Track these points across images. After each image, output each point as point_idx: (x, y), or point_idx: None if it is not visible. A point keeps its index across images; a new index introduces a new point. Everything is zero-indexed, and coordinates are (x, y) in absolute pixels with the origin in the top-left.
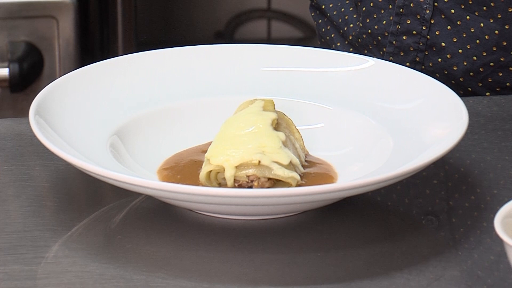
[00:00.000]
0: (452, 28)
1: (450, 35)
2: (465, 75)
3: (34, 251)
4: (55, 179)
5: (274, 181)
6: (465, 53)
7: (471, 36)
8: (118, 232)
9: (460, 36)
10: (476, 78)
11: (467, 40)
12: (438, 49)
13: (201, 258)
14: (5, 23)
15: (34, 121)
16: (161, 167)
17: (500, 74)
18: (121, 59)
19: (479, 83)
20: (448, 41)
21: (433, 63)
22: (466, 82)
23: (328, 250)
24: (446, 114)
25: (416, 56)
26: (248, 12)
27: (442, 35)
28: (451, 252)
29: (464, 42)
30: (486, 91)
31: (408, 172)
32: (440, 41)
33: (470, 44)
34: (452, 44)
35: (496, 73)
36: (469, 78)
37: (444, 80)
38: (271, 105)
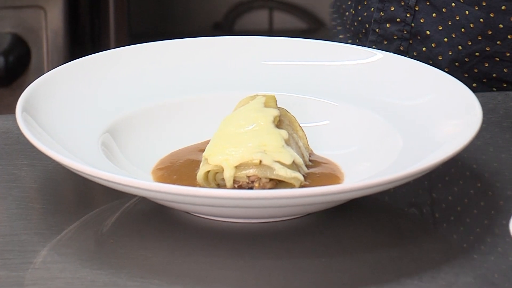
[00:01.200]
0: (437, 15)
1: (435, 22)
2: (451, 65)
3: (21, 256)
4: (43, 180)
5: (276, 182)
6: (450, 42)
7: (456, 24)
8: (110, 236)
9: (445, 24)
10: (462, 68)
11: (452, 28)
12: (423, 38)
13: (198, 263)
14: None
15: (21, 118)
16: (156, 167)
17: (486, 64)
18: (113, 52)
19: (465, 73)
20: (433, 29)
21: (417, 53)
22: (452, 73)
23: (333, 255)
24: (458, 111)
25: (400, 45)
26: (248, 1)
27: (427, 23)
28: (464, 257)
29: (449, 31)
30: (472, 82)
31: (418, 172)
32: (425, 29)
33: (455, 33)
34: (437, 33)
35: (482, 64)
36: (455, 68)
37: None
38: (273, 101)
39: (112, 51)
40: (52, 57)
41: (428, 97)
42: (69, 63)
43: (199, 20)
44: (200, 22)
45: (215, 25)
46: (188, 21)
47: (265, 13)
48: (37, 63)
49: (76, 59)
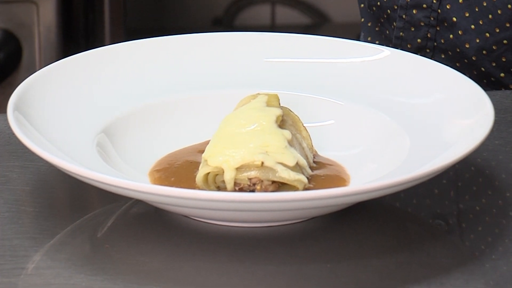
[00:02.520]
0: (464, 1)
1: (462, 9)
2: (478, 53)
3: (13, 261)
4: (35, 182)
5: (279, 185)
6: (478, 29)
7: (483, 10)
8: (106, 240)
9: (472, 10)
10: (489, 57)
11: (479, 14)
12: (450, 25)
13: (197, 269)
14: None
15: (12, 118)
16: (153, 169)
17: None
18: (109, 49)
19: (492, 62)
20: (460, 16)
21: (445, 40)
22: (479, 62)
23: (338, 260)
24: (469, 110)
25: (428, 32)
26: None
27: (454, 9)
28: (475, 264)
29: (476, 17)
30: (500, 71)
31: (427, 175)
32: (452, 15)
33: (483, 19)
34: (464, 19)
35: (510, 52)
36: (482, 57)
37: (457, 59)
38: (275, 100)
39: (107, 47)
40: (45, 54)
41: (437, 95)
42: (62, 60)
43: (198, 15)
44: (199, 17)
45: (215, 20)
46: (186, 16)
47: (267, 8)
48: (29, 60)
49: (70, 55)
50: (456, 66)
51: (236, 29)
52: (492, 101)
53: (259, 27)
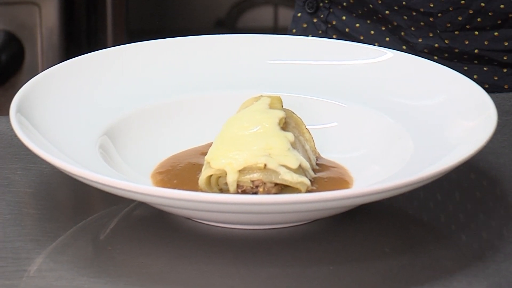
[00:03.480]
0: None
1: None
2: (389, 8)
3: (15, 264)
4: (38, 184)
5: (282, 187)
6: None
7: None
8: (108, 242)
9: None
10: (399, 13)
11: None
12: None
13: (200, 271)
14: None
15: (15, 120)
16: (156, 171)
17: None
18: (111, 51)
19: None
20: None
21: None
22: (391, 17)
23: (341, 263)
24: (472, 112)
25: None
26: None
27: None
28: (478, 266)
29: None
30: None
31: (430, 177)
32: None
33: None
34: None
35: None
36: (393, 12)
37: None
38: (278, 102)
39: (110, 49)
40: (47, 56)
41: (440, 97)
42: (65, 62)
43: (201, 17)
44: (202, 19)
45: (217, 22)
46: (189, 18)
47: (269, 10)
48: (31, 62)
49: (72, 57)
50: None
51: (239, 31)
52: (495, 103)
53: (262, 29)
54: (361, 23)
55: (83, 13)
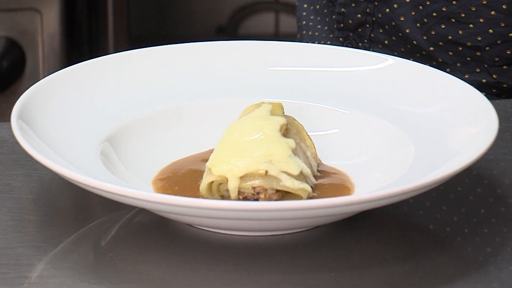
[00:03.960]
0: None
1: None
2: (412, 26)
3: (16, 270)
4: (39, 191)
5: (283, 193)
6: (412, 2)
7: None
8: (109, 249)
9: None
10: (421, 29)
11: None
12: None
13: (201, 278)
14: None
15: (16, 126)
16: (157, 177)
17: (442, 25)
18: (113, 57)
19: (423, 35)
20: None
21: (382, 14)
22: (412, 35)
23: (342, 269)
24: (473, 118)
25: (367, 7)
26: (253, 4)
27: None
28: (479, 272)
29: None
30: (430, 45)
31: (431, 183)
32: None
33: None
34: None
35: (439, 25)
36: (416, 29)
37: (393, 33)
38: (279, 108)
39: (111, 56)
40: (48, 62)
41: (441, 104)
42: (66, 69)
43: (202, 23)
44: (203, 26)
45: (218, 28)
46: (190, 24)
47: (271, 16)
48: (33, 68)
49: (73, 64)
50: (393, 40)
51: (240, 37)
52: (496, 109)
53: (263, 36)
54: None
55: (84, 19)
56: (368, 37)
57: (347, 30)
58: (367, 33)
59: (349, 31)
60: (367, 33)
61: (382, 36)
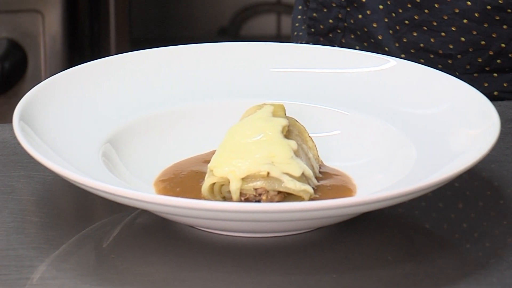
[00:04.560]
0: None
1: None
2: (385, 33)
3: (18, 271)
4: (41, 192)
5: (285, 195)
6: (385, 9)
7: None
8: (111, 250)
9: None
10: (394, 36)
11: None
12: (359, 5)
13: (203, 279)
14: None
15: (18, 127)
16: (159, 179)
17: (414, 33)
18: (114, 59)
19: (395, 43)
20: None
21: (354, 20)
22: (384, 41)
23: (344, 271)
24: (475, 120)
25: (339, 13)
26: (255, 5)
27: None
28: (481, 274)
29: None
30: (401, 53)
31: (433, 185)
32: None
33: (390, 0)
34: (372, 0)
35: (411, 33)
36: (388, 36)
37: (365, 39)
38: (281, 110)
39: (113, 57)
40: (50, 64)
41: (443, 105)
42: (68, 70)
43: (204, 25)
44: (205, 27)
45: (220, 30)
46: (192, 26)
47: (272, 18)
48: (34, 70)
49: (75, 65)
50: (364, 46)
51: (242, 39)
52: (498, 111)
53: (265, 37)
54: None
55: (86, 21)
56: (339, 42)
57: (318, 35)
58: (338, 38)
59: (320, 36)
60: (338, 39)
61: (353, 42)
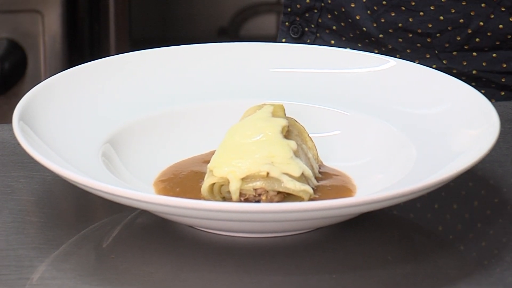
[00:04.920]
0: None
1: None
2: (363, 13)
3: (18, 271)
4: (41, 192)
5: (284, 195)
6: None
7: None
8: (111, 251)
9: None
10: (372, 16)
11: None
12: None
13: (203, 280)
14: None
15: (18, 128)
16: (158, 179)
17: (392, 13)
18: (114, 59)
19: (373, 23)
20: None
21: (332, 0)
22: (362, 21)
23: (343, 271)
24: (475, 120)
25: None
26: (255, 5)
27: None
28: (481, 274)
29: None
30: (379, 33)
31: (433, 185)
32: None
33: None
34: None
35: (389, 13)
36: (366, 16)
37: (342, 19)
38: (281, 110)
39: (112, 57)
40: (50, 64)
41: (443, 106)
42: (68, 70)
43: (203, 25)
44: (204, 27)
45: (220, 30)
46: (191, 26)
47: (272, 18)
48: (34, 70)
49: (75, 65)
50: (341, 26)
51: (241, 39)
52: (498, 111)
53: (264, 37)
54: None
55: (86, 21)
56: (316, 22)
57: (294, 15)
58: (315, 18)
59: (296, 16)
60: (315, 18)
61: (330, 22)
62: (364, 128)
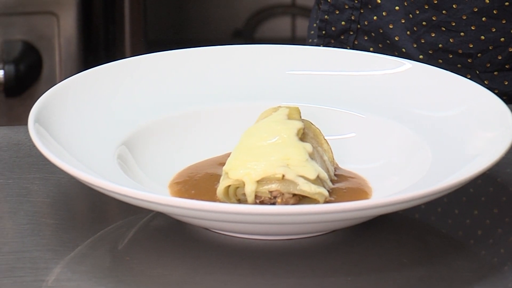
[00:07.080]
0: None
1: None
2: (402, 34)
3: (33, 273)
4: (56, 194)
5: (300, 198)
6: (402, 10)
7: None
8: (126, 253)
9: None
10: (411, 37)
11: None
12: (374, 6)
13: (218, 282)
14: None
15: (33, 130)
16: (173, 181)
17: (432, 34)
18: (129, 61)
19: (413, 43)
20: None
21: (368, 22)
22: (401, 42)
23: (359, 273)
24: (490, 123)
25: (352, 14)
26: (270, 8)
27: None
28: (496, 276)
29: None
30: (419, 53)
31: (449, 188)
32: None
33: (407, 1)
34: (388, 1)
35: (429, 33)
36: (406, 37)
37: (380, 41)
38: (296, 113)
39: (128, 59)
40: (65, 66)
41: (459, 108)
42: (83, 72)
43: (219, 27)
44: (220, 29)
45: (235, 32)
46: (207, 28)
47: (287, 20)
48: (49, 72)
49: (90, 67)
50: (379, 47)
51: (257, 41)
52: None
53: (280, 40)
54: None
55: (101, 23)
56: (351, 44)
57: (329, 37)
58: (351, 40)
59: (331, 38)
60: (351, 40)
61: (367, 44)
62: (379, 131)
